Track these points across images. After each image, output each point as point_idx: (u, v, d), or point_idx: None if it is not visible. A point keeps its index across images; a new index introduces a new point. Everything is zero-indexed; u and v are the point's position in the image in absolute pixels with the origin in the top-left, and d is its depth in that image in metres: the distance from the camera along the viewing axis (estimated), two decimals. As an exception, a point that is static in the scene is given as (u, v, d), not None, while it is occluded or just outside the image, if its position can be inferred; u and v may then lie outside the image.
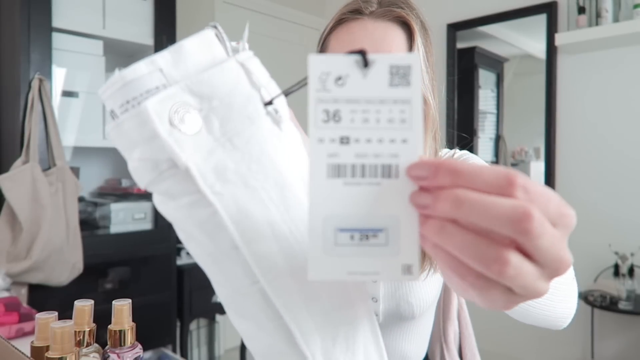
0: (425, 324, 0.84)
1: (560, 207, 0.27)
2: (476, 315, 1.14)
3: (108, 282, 1.92)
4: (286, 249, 0.31)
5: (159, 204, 0.32)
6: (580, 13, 2.17)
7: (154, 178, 0.30)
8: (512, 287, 0.26)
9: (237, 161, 0.30)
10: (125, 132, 0.30)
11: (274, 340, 0.32)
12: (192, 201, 0.30)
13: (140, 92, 0.29)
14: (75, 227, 1.71)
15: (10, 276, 1.54)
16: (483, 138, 2.61)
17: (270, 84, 0.33)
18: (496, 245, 0.25)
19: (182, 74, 0.30)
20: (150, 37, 2.01)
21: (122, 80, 0.29)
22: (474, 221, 0.26)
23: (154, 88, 0.29)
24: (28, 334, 1.03)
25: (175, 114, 0.29)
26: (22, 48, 1.67)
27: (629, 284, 2.04)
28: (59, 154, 1.72)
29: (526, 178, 0.26)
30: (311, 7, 3.20)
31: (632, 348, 2.11)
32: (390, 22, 0.68)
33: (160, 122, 0.28)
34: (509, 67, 2.55)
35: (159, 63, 0.30)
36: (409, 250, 0.28)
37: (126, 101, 0.29)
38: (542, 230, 0.25)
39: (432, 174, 0.27)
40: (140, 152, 0.30)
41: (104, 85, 0.30)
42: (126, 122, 0.29)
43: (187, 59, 0.30)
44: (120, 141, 0.31)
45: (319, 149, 0.28)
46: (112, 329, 0.62)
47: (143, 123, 0.29)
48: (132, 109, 0.29)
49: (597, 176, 2.21)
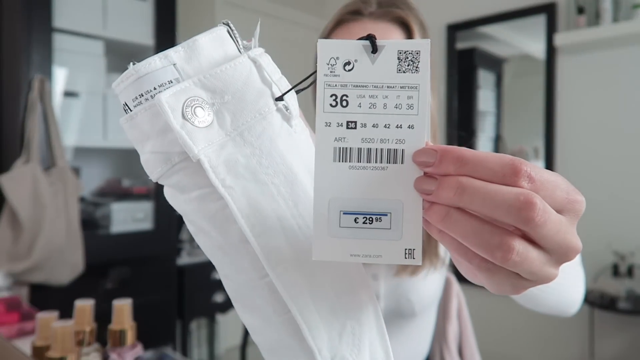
0: (425, 323, 0.84)
1: (568, 193, 0.27)
2: (476, 315, 1.14)
3: (109, 282, 1.92)
4: (294, 243, 0.31)
5: (169, 196, 0.33)
6: (580, 13, 2.18)
7: (166, 171, 0.31)
8: (519, 272, 0.27)
9: (248, 156, 0.31)
10: (138, 124, 0.30)
11: (281, 335, 0.32)
12: (202, 194, 0.31)
13: (153, 85, 0.29)
14: (76, 227, 1.72)
15: (11, 276, 1.54)
16: (482, 138, 2.61)
17: (282, 81, 0.33)
18: (500, 232, 0.26)
19: (195, 68, 0.30)
20: (150, 38, 2.02)
21: (136, 74, 0.29)
22: (476, 209, 0.26)
23: (167, 82, 0.30)
24: (29, 334, 1.03)
25: (187, 108, 0.29)
26: (22, 48, 1.68)
27: (628, 283, 2.04)
28: (60, 154, 1.72)
29: (533, 166, 0.26)
30: (311, 8, 3.20)
31: (632, 348, 2.12)
32: (390, 23, 0.69)
33: (173, 115, 0.29)
34: (509, 67, 2.55)
35: (172, 57, 0.30)
36: (412, 235, 0.29)
37: (140, 94, 0.30)
38: (544, 218, 0.25)
39: (437, 160, 0.27)
40: (152, 144, 0.30)
41: (118, 79, 0.30)
42: (139, 114, 0.30)
43: (200, 54, 0.31)
44: (133, 134, 0.31)
45: (326, 132, 0.28)
46: (113, 329, 0.62)
47: (156, 116, 0.29)
48: (146, 102, 0.30)
49: (595, 176, 2.21)
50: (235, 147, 0.31)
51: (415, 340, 0.83)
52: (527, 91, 2.45)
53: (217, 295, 2.32)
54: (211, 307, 2.31)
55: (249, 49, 0.33)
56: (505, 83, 2.57)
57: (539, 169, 0.26)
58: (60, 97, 1.81)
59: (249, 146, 0.31)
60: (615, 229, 2.15)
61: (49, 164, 1.72)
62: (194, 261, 2.26)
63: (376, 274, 0.77)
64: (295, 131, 0.33)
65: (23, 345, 0.89)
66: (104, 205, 1.94)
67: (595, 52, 2.21)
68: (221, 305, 2.34)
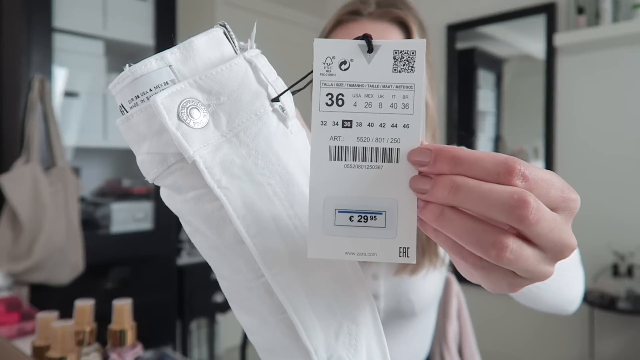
0: (425, 323, 0.84)
1: (562, 191, 0.27)
2: (476, 315, 1.14)
3: (109, 282, 1.92)
4: (290, 244, 0.31)
5: (165, 197, 0.33)
6: (580, 13, 2.18)
7: (162, 171, 0.31)
8: (514, 270, 0.27)
9: (244, 156, 0.31)
10: (134, 125, 0.30)
11: (277, 335, 0.32)
12: (198, 195, 0.31)
13: (149, 87, 0.30)
14: (76, 227, 1.72)
15: (11, 276, 1.55)
16: (482, 138, 2.61)
17: (277, 82, 0.33)
18: (494, 230, 0.26)
19: (190, 70, 0.31)
20: (150, 38, 2.02)
21: (132, 75, 0.30)
22: (471, 208, 0.26)
23: (163, 83, 0.30)
24: (29, 334, 1.03)
25: (183, 109, 0.29)
26: (22, 48, 1.68)
27: (628, 283, 2.04)
28: (60, 154, 1.72)
29: (527, 164, 0.26)
30: (311, 8, 3.20)
31: (631, 348, 2.12)
32: (389, 23, 0.69)
33: (168, 116, 0.29)
34: (509, 67, 2.55)
35: (168, 59, 0.30)
36: (406, 233, 0.29)
37: (135, 96, 0.30)
38: (538, 217, 0.25)
39: (432, 160, 0.27)
40: (148, 145, 0.31)
41: (114, 80, 0.31)
42: (135, 116, 0.30)
43: (196, 55, 0.31)
44: (129, 135, 0.31)
45: (321, 131, 0.29)
46: (113, 329, 0.62)
47: (152, 117, 0.30)
48: (142, 103, 0.30)
49: (595, 176, 2.21)
50: (231, 148, 0.31)
51: (415, 340, 0.83)
52: (527, 91, 2.45)
53: (217, 295, 2.32)
54: (211, 307, 2.31)
55: (245, 50, 0.33)
56: (505, 83, 2.57)
57: (533, 168, 0.26)
58: (60, 97, 1.81)
59: (244, 147, 0.31)
60: (615, 229, 2.15)
61: (49, 164, 1.72)
62: (194, 261, 2.26)
63: (376, 273, 0.77)
64: (291, 132, 0.33)
65: (23, 345, 0.89)
66: (104, 205, 1.94)
67: (595, 52, 2.21)
68: (221, 305, 2.34)
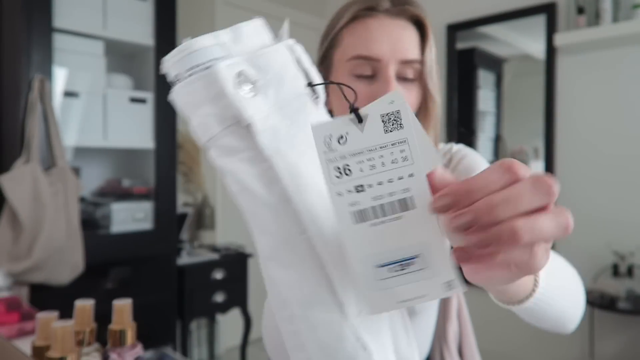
0: (425, 323, 0.84)
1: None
2: (476, 315, 1.14)
3: (109, 282, 1.92)
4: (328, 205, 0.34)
5: (215, 157, 0.36)
6: (580, 13, 2.18)
7: (218, 132, 0.34)
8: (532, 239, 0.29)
9: (288, 126, 0.35)
10: (192, 91, 0.34)
11: (315, 289, 0.35)
12: (250, 156, 0.34)
13: (205, 59, 0.33)
14: (76, 226, 1.72)
15: (11, 276, 1.55)
16: (482, 138, 2.61)
17: (312, 68, 0.38)
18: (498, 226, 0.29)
19: (240, 50, 0.35)
20: (151, 38, 2.02)
21: (190, 48, 0.34)
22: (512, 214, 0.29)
23: (218, 58, 0.34)
24: (29, 334, 1.03)
25: (237, 79, 0.33)
26: (22, 48, 1.68)
27: (628, 283, 2.04)
28: (60, 154, 1.72)
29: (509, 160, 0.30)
30: (311, 8, 3.20)
31: (631, 347, 2.12)
32: (406, 21, 0.69)
33: (227, 83, 0.33)
34: (509, 67, 2.55)
35: (222, 38, 0.34)
36: (445, 268, 0.31)
37: (195, 65, 0.34)
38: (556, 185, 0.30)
39: (453, 202, 0.30)
40: (207, 108, 0.34)
41: (170, 54, 0.34)
42: (196, 81, 0.34)
43: (244, 38, 0.35)
44: (187, 99, 0.35)
45: (340, 201, 0.31)
46: (113, 329, 0.62)
47: (211, 83, 0.33)
48: (201, 72, 0.33)
49: (595, 176, 2.21)
50: (277, 118, 0.35)
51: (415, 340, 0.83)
52: (527, 91, 2.45)
53: (217, 295, 2.32)
54: (211, 307, 2.31)
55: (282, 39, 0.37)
56: (505, 83, 2.57)
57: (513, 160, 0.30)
58: (60, 97, 1.81)
59: (287, 119, 0.35)
60: (615, 229, 2.15)
61: (49, 164, 1.72)
62: (194, 261, 2.26)
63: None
64: (321, 113, 0.38)
65: (23, 345, 0.89)
66: (104, 205, 1.94)
67: (595, 52, 2.21)
68: (221, 305, 2.34)
